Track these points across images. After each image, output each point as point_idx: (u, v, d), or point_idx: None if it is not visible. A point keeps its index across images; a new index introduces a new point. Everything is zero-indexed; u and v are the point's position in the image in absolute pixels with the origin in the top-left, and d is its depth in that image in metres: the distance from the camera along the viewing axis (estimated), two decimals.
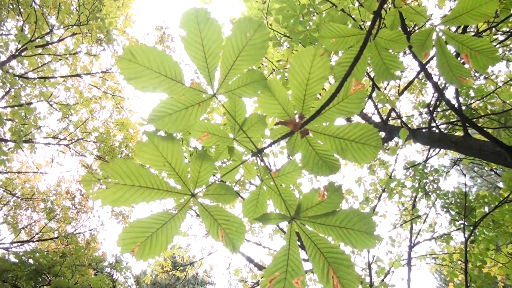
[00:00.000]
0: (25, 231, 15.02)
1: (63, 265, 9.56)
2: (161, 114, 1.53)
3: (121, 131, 13.20)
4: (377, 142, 1.65)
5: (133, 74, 1.47)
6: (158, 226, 1.52)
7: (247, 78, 1.57)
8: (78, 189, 14.65)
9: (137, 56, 1.45)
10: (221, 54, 1.52)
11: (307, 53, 1.65)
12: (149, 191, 1.51)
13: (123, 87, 13.90)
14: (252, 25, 1.47)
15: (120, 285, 10.55)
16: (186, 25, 1.47)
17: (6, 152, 11.92)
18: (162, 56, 1.48)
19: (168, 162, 1.52)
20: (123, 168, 1.45)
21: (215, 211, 1.58)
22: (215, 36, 1.49)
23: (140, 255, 1.51)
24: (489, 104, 10.27)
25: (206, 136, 1.68)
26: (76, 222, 14.55)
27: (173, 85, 1.52)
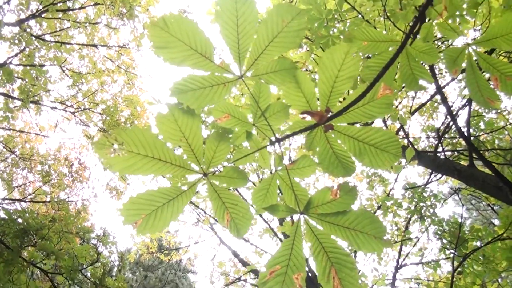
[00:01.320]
0: (18, 190, 15.02)
1: (51, 229, 9.54)
2: (185, 88, 1.50)
3: (129, 108, 13.16)
4: (397, 150, 1.62)
5: (163, 44, 1.44)
6: (165, 201, 1.50)
7: (277, 65, 1.54)
8: (77, 158, 14.65)
9: (170, 25, 1.42)
10: (255, 36, 1.49)
11: (340, 50, 1.62)
12: (161, 163, 1.48)
13: (137, 64, 13.88)
14: (291, 11, 1.45)
15: (103, 258, 10.53)
16: (224, 2, 1.44)
17: (11, 109, 11.92)
18: (194, 30, 1.45)
19: (185, 138, 1.49)
20: (139, 137, 1.43)
21: (224, 193, 1.56)
22: (251, 18, 1.46)
23: (142, 228, 1.49)
24: (497, 139, 10.23)
25: (226, 117, 1.65)
26: (70, 189, 14.55)
27: (202, 61, 1.49)
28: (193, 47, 1.46)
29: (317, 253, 1.49)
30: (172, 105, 1.47)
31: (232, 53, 1.50)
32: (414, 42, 2.04)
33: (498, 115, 10.68)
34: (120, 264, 11.56)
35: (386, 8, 5.41)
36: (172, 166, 1.49)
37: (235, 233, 1.55)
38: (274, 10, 1.46)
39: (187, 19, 1.43)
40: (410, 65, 2.03)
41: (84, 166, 14.61)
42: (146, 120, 13.19)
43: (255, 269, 11.45)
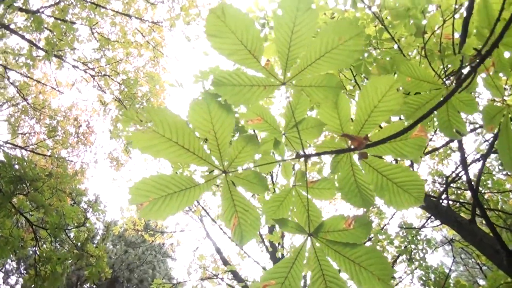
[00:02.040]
0: (22, 138, 15.05)
1: (46, 183, 9.55)
2: (226, 81, 1.47)
3: (148, 84, 13.16)
4: (419, 194, 1.58)
5: (216, 32, 1.41)
6: (177, 189, 1.46)
7: (323, 80, 1.50)
8: (87, 121, 14.66)
9: (227, 15, 1.39)
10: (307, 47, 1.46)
11: (385, 81, 1.58)
12: (183, 150, 1.45)
13: (166, 44, 13.88)
14: (350, 30, 1.41)
15: (90, 224, 10.51)
16: (285, 5, 1.41)
17: (34, 57, 11.96)
18: (249, 25, 1.42)
19: (213, 130, 1.46)
20: (169, 119, 1.39)
21: (238, 196, 1.52)
22: (307, 27, 1.43)
23: (146, 212, 1.45)
24: (502, 200, 10.14)
25: (258, 120, 1.62)
26: (72, 149, 14.56)
27: (249, 58, 1.45)
28: (243, 42, 1.42)
29: (316, 279, 1.45)
30: (210, 94, 1.44)
31: (280, 58, 1.47)
32: None
33: (507, 178, 10.58)
34: (105, 234, 11.55)
35: (426, 46, 5.37)
36: (194, 156, 1.45)
37: (238, 239, 1.51)
38: (333, 25, 1.43)
39: (245, 14, 1.40)
40: (448, 111, 1.99)
41: (91, 130, 14.63)
42: (163, 100, 13.19)
43: (234, 270, 11.41)
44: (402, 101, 1.62)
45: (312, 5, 1.40)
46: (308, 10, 1.40)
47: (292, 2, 1.40)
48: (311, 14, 1.41)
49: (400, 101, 1.61)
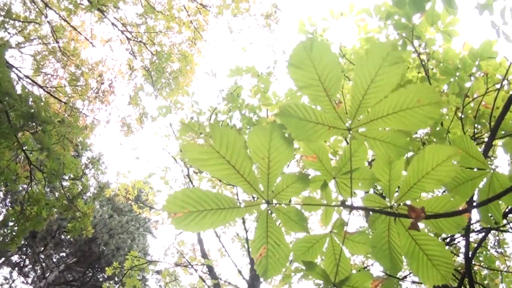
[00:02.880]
0: (43, 77, 15.09)
1: (56, 128, 9.56)
2: (292, 113, 1.45)
3: (180, 63, 13.16)
4: (447, 273, 1.56)
5: (298, 63, 1.39)
6: (216, 207, 1.44)
7: (391, 137, 1.48)
8: (110, 80, 14.66)
9: (314, 49, 1.37)
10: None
11: (445, 151, 1.56)
12: (233, 171, 1.43)
13: (208, 29, 13.88)
14: (431, 96, 1.39)
15: (86, 180, 10.51)
16: (373, 53, 1.39)
17: (77, 4, 12.01)
18: (333, 66, 1.40)
19: (268, 159, 1.44)
20: (230, 137, 1.37)
21: (273, 228, 1.50)
22: (389, 81, 1.40)
23: (177, 222, 1.44)
24: (490, 279, 10.03)
25: (313, 158, 1.60)
26: (88, 103, 14.58)
27: (322, 96, 1.43)
28: (321, 79, 1.40)
29: None
30: (276, 124, 1.42)
31: (352, 103, 1.45)
32: (501, 177, 1.98)
33: (499, 256, 10.48)
34: (97, 193, 11.55)
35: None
36: (241, 178, 1.43)
37: (262, 271, 1.49)
38: (415, 86, 1.40)
39: (332, 52, 1.38)
40: (488, 195, 1.97)
41: (112, 91, 14.63)
42: (189, 81, 13.17)
43: (211, 265, 11.38)
44: (454, 175, 1.60)
45: (399, 60, 1.38)
46: (395, 64, 1.38)
47: (381, 52, 1.38)
48: (396, 69, 1.39)
49: (452, 174, 1.59)
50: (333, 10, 6.97)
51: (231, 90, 7.61)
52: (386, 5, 5.84)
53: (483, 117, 5.38)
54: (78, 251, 16.44)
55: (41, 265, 15.20)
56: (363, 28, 7.11)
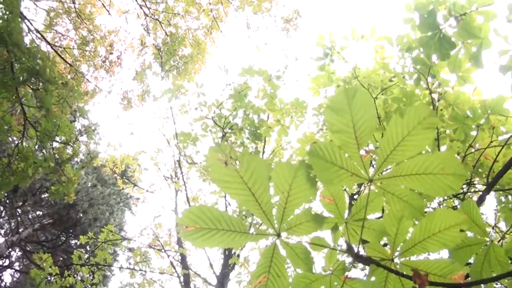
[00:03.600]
0: (53, 35, 14.95)
1: (58, 89, 9.50)
2: (320, 154, 1.47)
3: (192, 48, 13.12)
4: None
5: (337, 108, 1.42)
6: (227, 228, 1.47)
7: (408, 195, 1.52)
8: (120, 51, 14.58)
9: (355, 98, 1.40)
10: None
11: (454, 217, 1.60)
12: (252, 198, 1.46)
13: (226, 20, 13.86)
14: (456, 168, 1.42)
15: (78, 146, 10.46)
16: (409, 116, 1.42)
17: None
18: (370, 117, 1.43)
19: (288, 194, 1.47)
20: (256, 167, 1.41)
21: (278, 260, 1.53)
22: (417, 144, 1.44)
23: (187, 235, 1.47)
24: None
25: (330, 200, 1.63)
26: (93, 70, 14.50)
27: (351, 143, 1.46)
28: (355, 126, 1.43)
29: None
30: (302, 162, 1.45)
31: (379, 156, 1.48)
32: (497, 248, 2.03)
33: None
34: (85, 162, 11.54)
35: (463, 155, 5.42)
36: (258, 207, 1.46)
37: None
38: (442, 155, 1.44)
39: (371, 103, 1.42)
40: (483, 265, 2.01)
41: (119, 63, 14.56)
42: (198, 69, 13.14)
43: (184, 254, 11.41)
44: (459, 241, 1.64)
45: (434, 126, 1.41)
46: (429, 129, 1.41)
47: (418, 114, 1.41)
48: (429, 133, 1.42)
49: (458, 241, 1.63)
50: (355, 31, 6.99)
51: (239, 89, 7.62)
52: (408, 37, 5.86)
53: (481, 166, 5.45)
54: (55, 214, 16.38)
55: (17, 219, 15.15)
56: (380, 53, 7.16)
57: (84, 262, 11.31)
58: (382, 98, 6.94)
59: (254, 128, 7.51)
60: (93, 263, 11.13)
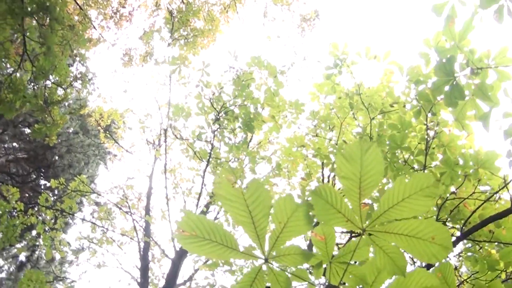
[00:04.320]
0: None
1: (64, 29, 9.36)
2: (323, 194, 1.52)
3: (205, 23, 12.98)
4: None
5: (349, 159, 1.48)
6: (220, 242, 1.53)
7: (395, 254, 1.58)
8: (133, 7, 14.36)
9: (367, 157, 1.46)
10: None
11: (428, 278, 1.67)
12: (249, 220, 1.52)
13: (244, 2, 13.76)
14: (445, 241, 1.49)
15: (70, 90, 10.35)
16: (411, 186, 1.48)
17: None
18: (377, 176, 1.49)
19: (285, 225, 1.52)
20: (261, 195, 1.47)
21: (259, 281, 1.59)
22: (416, 209, 1.50)
23: (181, 238, 1.53)
24: None
25: (321, 238, 1.68)
26: (102, 18, 14.26)
27: (354, 193, 1.52)
28: (361, 178, 1.49)
29: None
30: (306, 202, 1.50)
31: (375, 212, 1.54)
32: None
33: None
34: (74, 110, 11.46)
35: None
36: (253, 230, 1.52)
37: None
38: (436, 225, 1.50)
39: (381, 163, 1.47)
40: None
41: (130, 18, 14.34)
42: (207, 45, 13.02)
43: (149, 222, 11.46)
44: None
45: (434, 196, 1.47)
46: (428, 197, 1.48)
47: (422, 183, 1.48)
48: (428, 202, 1.49)
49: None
50: (370, 50, 7.02)
51: (243, 77, 7.63)
52: (418, 70, 5.90)
53: (458, 213, 5.57)
54: (32, 151, 16.26)
55: None
56: (388, 76, 7.22)
57: (50, 206, 11.25)
58: (378, 119, 7.03)
59: (249, 119, 7.54)
60: (58, 209, 11.10)
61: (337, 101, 7.56)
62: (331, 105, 7.83)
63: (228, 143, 8.10)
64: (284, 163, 8.60)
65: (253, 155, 8.36)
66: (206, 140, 8.66)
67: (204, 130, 8.33)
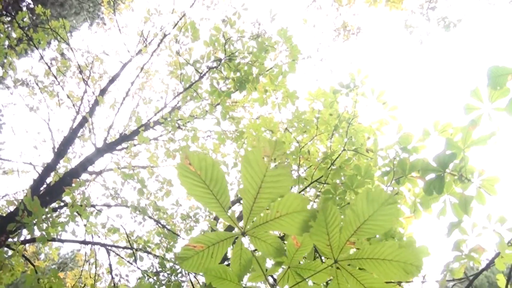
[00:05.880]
0: None
1: None
2: (314, 225, 1.56)
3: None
4: None
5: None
6: (216, 195, 1.53)
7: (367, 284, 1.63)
8: None
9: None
10: None
11: None
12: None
13: None
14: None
15: None
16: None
17: None
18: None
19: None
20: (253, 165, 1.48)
21: None
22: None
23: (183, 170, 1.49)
24: None
25: (297, 245, 1.70)
26: None
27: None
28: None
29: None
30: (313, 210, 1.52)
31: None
32: None
33: None
34: None
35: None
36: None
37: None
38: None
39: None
40: None
41: None
42: None
43: (86, 118, 11.17)
44: None
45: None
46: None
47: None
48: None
49: None
50: (383, 93, 7.06)
51: (267, 40, 7.52)
52: (410, 139, 5.94)
53: None
54: None
55: None
56: (380, 125, 7.31)
57: (23, 26, 10.72)
58: (350, 153, 7.13)
59: (246, 79, 7.47)
60: (28, 35, 10.62)
61: (326, 115, 7.59)
62: (318, 111, 7.85)
63: (213, 85, 8.00)
64: (245, 134, 8.57)
65: (228, 110, 8.31)
66: (197, 69, 8.52)
67: (201, 61, 8.16)
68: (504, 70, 2.24)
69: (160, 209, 9.90)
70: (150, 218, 9.85)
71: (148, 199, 10.10)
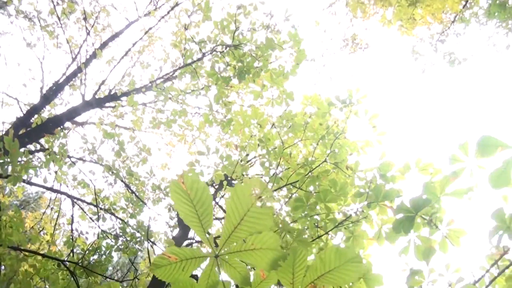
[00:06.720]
0: None
1: None
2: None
3: None
4: None
5: None
6: (200, 215, 1.60)
7: None
8: None
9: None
10: None
11: None
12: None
13: None
14: None
15: None
16: None
17: None
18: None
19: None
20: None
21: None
22: None
23: (175, 187, 1.57)
24: None
25: (262, 276, 1.77)
26: None
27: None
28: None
29: None
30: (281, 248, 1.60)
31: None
32: None
33: None
34: None
35: None
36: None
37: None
38: None
39: None
40: None
41: None
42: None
43: (81, 68, 11.08)
44: None
45: None
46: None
47: None
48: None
49: None
50: (377, 116, 7.11)
51: (276, 37, 7.54)
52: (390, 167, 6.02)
53: None
54: None
55: None
56: (365, 146, 7.40)
57: None
58: (330, 165, 7.21)
59: (247, 70, 7.50)
60: None
61: (316, 123, 7.64)
62: (310, 116, 7.90)
63: (214, 69, 8.01)
64: (233, 120, 8.57)
65: (222, 95, 8.32)
66: (201, 49, 8.50)
67: (207, 43, 8.15)
68: (495, 142, 2.34)
69: (133, 174, 9.96)
70: (121, 181, 9.90)
71: (123, 162, 10.14)
